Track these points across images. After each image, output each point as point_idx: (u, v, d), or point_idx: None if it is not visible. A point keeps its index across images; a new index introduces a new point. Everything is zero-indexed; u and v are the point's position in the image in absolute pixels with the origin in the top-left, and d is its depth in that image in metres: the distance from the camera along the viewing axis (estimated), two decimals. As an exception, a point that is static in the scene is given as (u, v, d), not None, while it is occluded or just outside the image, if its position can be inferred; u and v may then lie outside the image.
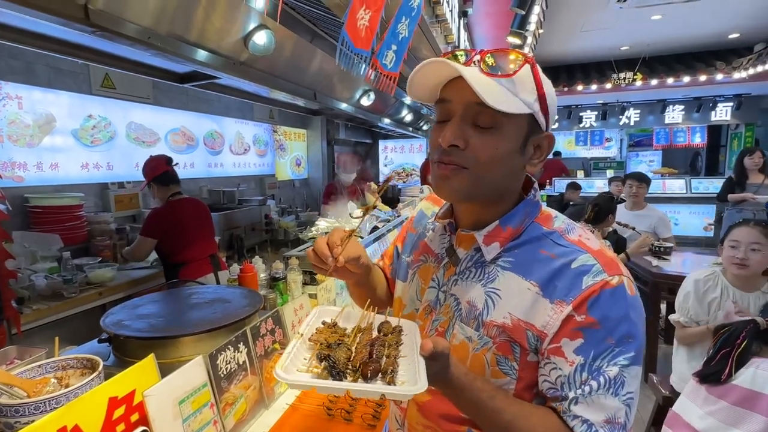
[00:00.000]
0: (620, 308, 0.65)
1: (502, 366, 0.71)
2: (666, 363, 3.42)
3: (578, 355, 0.65)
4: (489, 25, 4.51)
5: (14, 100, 2.58)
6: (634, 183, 3.77)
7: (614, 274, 0.66)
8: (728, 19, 5.53)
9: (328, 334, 0.73)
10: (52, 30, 2.01)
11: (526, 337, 0.69)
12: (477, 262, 0.77)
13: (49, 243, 2.47)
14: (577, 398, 0.65)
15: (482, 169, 0.69)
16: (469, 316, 0.75)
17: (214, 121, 4.37)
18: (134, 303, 1.42)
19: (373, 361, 0.65)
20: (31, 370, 0.91)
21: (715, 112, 7.91)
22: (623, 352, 0.64)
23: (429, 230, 0.92)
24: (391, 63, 1.58)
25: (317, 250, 0.80)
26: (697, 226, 7.92)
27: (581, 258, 0.68)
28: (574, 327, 0.65)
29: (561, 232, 0.73)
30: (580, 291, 0.65)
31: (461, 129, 0.68)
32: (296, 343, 0.71)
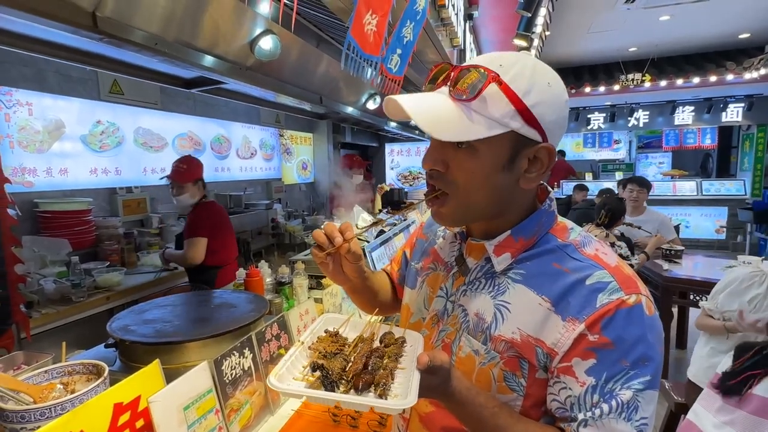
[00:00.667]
0: (636, 329, 0.62)
1: (509, 382, 0.69)
2: (678, 369, 3.36)
3: (590, 376, 0.62)
4: (495, 28, 4.50)
5: (25, 107, 2.61)
6: (635, 188, 3.70)
7: (631, 293, 0.63)
8: (738, 19, 5.47)
9: (328, 343, 0.72)
10: (62, 37, 2.04)
11: (536, 354, 0.66)
12: (487, 272, 0.75)
13: (57, 247, 2.49)
14: (586, 420, 0.62)
15: (463, 193, 0.68)
16: (476, 328, 0.72)
17: (221, 126, 4.40)
18: (141, 308, 1.42)
19: (367, 372, 0.64)
20: (38, 375, 0.91)
21: (726, 113, 7.80)
22: (638, 375, 0.61)
23: (439, 237, 0.90)
24: (396, 67, 1.57)
25: (327, 229, 0.78)
26: (708, 229, 7.80)
27: (597, 274, 0.65)
28: (587, 347, 0.62)
29: (576, 245, 0.70)
30: (594, 309, 0.62)
31: (441, 151, 0.68)
32: (295, 350, 0.70)
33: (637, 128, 8.66)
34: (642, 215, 3.73)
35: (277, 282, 1.85)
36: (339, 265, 0.82)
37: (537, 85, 0.64)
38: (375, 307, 0.91)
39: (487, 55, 0.68)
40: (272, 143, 5.29)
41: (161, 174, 3.63)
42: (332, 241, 0.77)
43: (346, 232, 0.78)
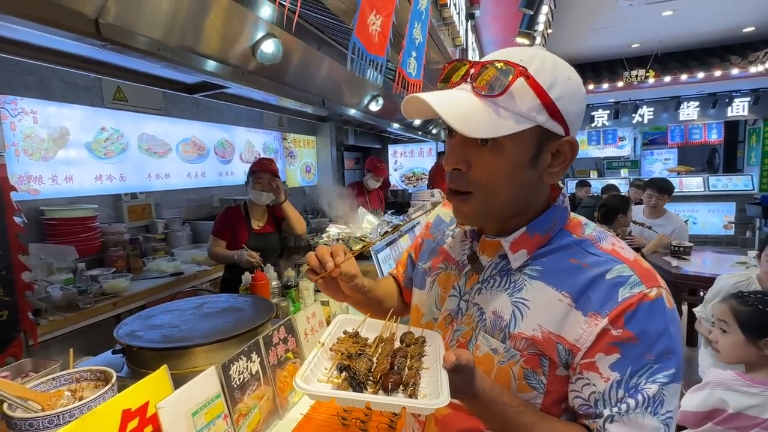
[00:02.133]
0: (659, 322, 0.61)
1: (529, 380, 0.68)
2: (688, 366, 3.32)
3: (614, 371, 0.61)
4: (497, 27, 4.49)
5: (29, 115, 2.63)
6: (653, 193, 3.58)
7: (652, 286, 0.63)
8: (742, 13, 5.41)
9: (349, 343, 0.72)
10: (65, 45, 2.05)
11: (557, 351, 0.65)
12: (502, 270, 0.74)
13: (64, 255, 2.50)
14: (612, 416, 0.61)
15: (488, 191, 0.67)
16: (494, 327, 0.71)
17: (225, 130, 4.41)
18: (147, 313, 1.42)
19: (395, 372, 0.64)
20: (46, 383, 0.91)
21: (732, 107, 7.72)
22: (663, 368, 0.61)
23: (448, 236, 0.88)
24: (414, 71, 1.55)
25: (318, 253, 0.80)
26: (716, 225, 7.72)
27: (617, 268, 0.64)
28: (610, 341, 0.61)
29: (593, 240, 0.70)
30: (616, 303, 0.62)
31: (462, 150, 0.66)
32: (317, 352, 0.69)
33: (642, 125, 8.60)
34: (660, 218, 3.63)
35: (284, 285, 1.85)
36: (335, 285, 0.82)
37: (559, 78, 0.63)
38: (381, 314, 0.89)
39: (503, 51, 0.67)
40: (275, 147, 5.30)
41: (165, 179, 3.65)
42: (324, 266, 0.78)
43: (336, 256, 0.79)
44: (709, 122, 8.39)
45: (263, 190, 2.65)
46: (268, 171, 2.69)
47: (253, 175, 2.69)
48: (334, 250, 0.80)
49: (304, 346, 1.33)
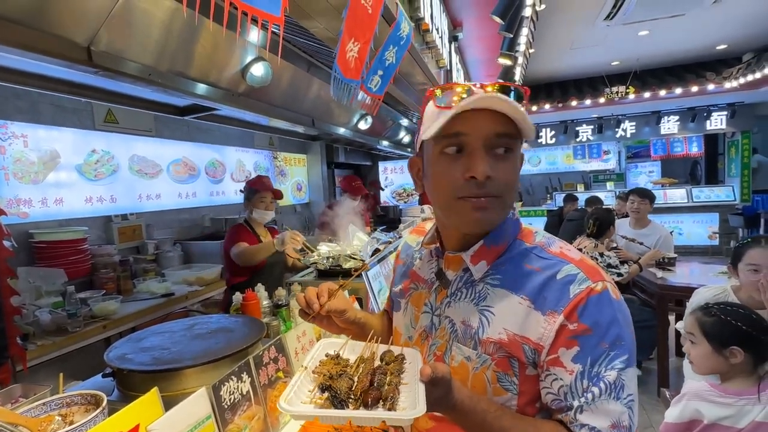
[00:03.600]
0: (608, 313, 0.67)
1: (502, 383, 0.73)
2: (678, 377, 3.35)
3: (576, 363, 0.67)
4: (480, 48, 4.63)
5: (20, 139, 2.64)
6: (635, 198, 3.71)
7: (598, 281, 0.69)
8: (714, 32, 5.66)
9: (331, 365, 0.75)
10: (57, 71, 2.09)
11: (523, 351, 0.70)
12: (467, 282, 0.80)
13: (53, 278, 2.48)
14: (581, 407, 0.66)
15: (509, 193, 0.74)
16: (465, 335, 0.76)
17: (215, 151, 4.44)
18: (137, 336, 1.42)
19: (374, 388, 0.67)
20: (36, 408, 0.91)
21: (710, 121, 7.98)
22: (618, 355, 0.66)
23: (416, 259, 0.94)
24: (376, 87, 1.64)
25: (306, 295, 0.87)
26: (701, 235, 7.88)
27: (565, 269, 0.71)
28: (569, 335, 0.67)
29: (543, 246, 0.77)
30: (568, 300, 0.68)
31: (488, 159, 0.70)
32: (300, 375, 0.72)
33: (625, 139, 8.83)
34: (645, 228, 3.71)
35: (274, 305, 1.86)
36: (329, 320, 0.89)
37: None
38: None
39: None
40: (266, 166, 5.33)
41: (156, 200, 3.65)
42: (312, 307, 0.86)
43: (321, 296, 0.86)
44: (689, 135, 8.65)
45: (267, 209, 2.69)
46: (270, 189, 2.72)
47: (256, 194, 2.72)
48: (320, 290, 0.87)
49: (294, 365, 1.34)
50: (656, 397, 3.08)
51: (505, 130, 0.69)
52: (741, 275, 1.87)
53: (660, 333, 3.13)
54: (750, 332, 1.39)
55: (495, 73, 4.65)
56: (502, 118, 0.68)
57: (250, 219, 2.76)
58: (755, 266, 1.78)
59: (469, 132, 0.70)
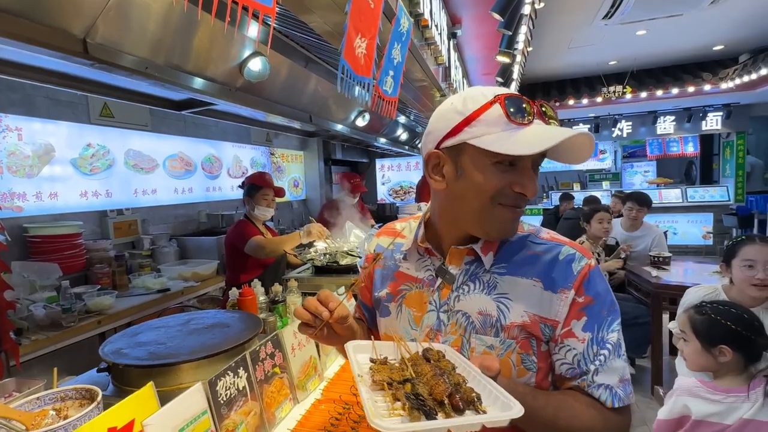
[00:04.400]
0: (603, 283, 0.78)
1: (525, 363, 0.78)
2: (672, 375, 3.37)
3: (586, 332, 0.75)
4: (479, 46, 4.62)
5: (14, 132, 2.61)
6: (634, 206, 3.70)
7: (590, 257, 0.79)
8: (711, 32, 5.68)
9: (387, 371, 0.69)
10: (52, 63, 2.06)
11: (540, 330, 0.76)
12: (472, 275, 0.82)
13: (47, 272, 2.46)
14: (597, 369, 0.74)
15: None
16: (485, 325, 0.79)
17: (212, 146, 4.42)
18: (133, 330, 1.42)
19: (456, 391, 0.63)
20: (30, 402, 0.91)
21: (706, 121, 8.03)
22: (614, 318, 0.77)
23: (399, 260, 0.93)
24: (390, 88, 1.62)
25: (308, 306, 0.78)
26: (695, 235, 7.94)
27: (563, 250, 0.79)
28: (578, 308, 0.75)
29: (534, 233, 0.84)
30: (575, 276, 0.76)
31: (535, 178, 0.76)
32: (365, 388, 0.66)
33: (621, 138, 8.87)
34: (638, 231, 3.75)
35: (271, 301, 1.85)
36: (331, 331, 0.81)
37: None
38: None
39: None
40: (263, 162, 5.32)
41: (152, 195, 3.63)
42: (320, 316, 0.77)
43: (329, 303, 0.78)
44: (685, 135, 8.70)
45: (269, 206, 2.68)
46: (272, 187, 2.71)
47: (259, 191, 2.69)
48: (324, 299, 0.79)
49: (291, 361, 1.34)
50: (650, 395, 3.10)
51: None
52: (735, 271, 1.87)
53: (654, 331, 3.15)
54: (740, 331, 1.40)
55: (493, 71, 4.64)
56: None
57: (251, 215, 2.74)
58: (750, 261, 1.79)
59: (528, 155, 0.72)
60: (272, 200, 2.71)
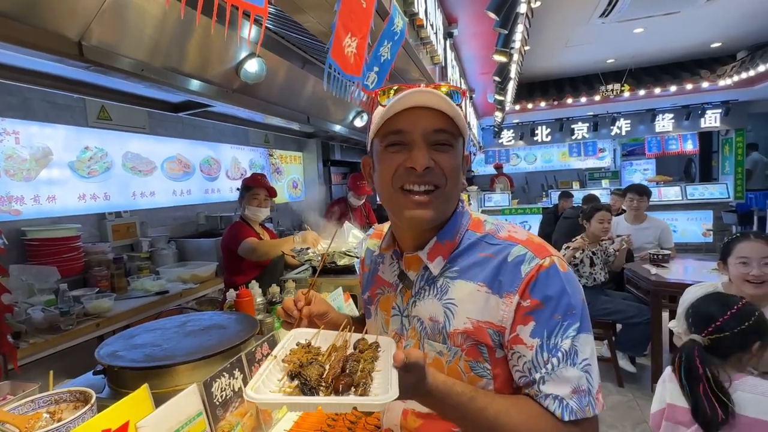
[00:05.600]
0: (557, 285, 0.71)
1: (476, 371, 0.76)
2: (672, 372, 3.37)
3: (534, 338, 0.70)
4: (475, 45, 4.62)
5: (11, 136, 2.61)
6: (634, 196, 3.78)
7: (545, 256, 0.73)
8: (708, 30, 5.68)
9: (301, 354, 0.72)
10: (48, 67, 2.06)
11: (489, 336, 0.74)
12: (428, 279, 0.82)
13: (46, 275, 2.46)
14: (543, 377, 0.69)
15: (450, 184, 0.77)
16: (434, 331, 0.79)
17: (210, 148, 4.42)
18: (129, 333, 1.41)
19: (346, 375, 0.65)
20: (24, 405, 0.90)
21: (705, 119, 8.03)
22: (570, 324, 0.70)
23: (379, 264, 0.96)
24: (372, 84, 1.63)
25: (284, 306, 0.89)
26: (695, 233, 7.92)
27: (514, 250, 0.75)
28: (524, 312, 0.71)
29: (492, 233, 0.81)
30: (521, 279, 0.72)
31: (426, 152, 0.74)
32: (269, 364, 0.71)
33: (620, 136, 8.87)
34: (643, 223, 3.80)
35: (268, 302, 1.85)
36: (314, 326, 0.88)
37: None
38: None
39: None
40: (262, 163, 5.31)
41: (150, 197, 3.63)
42: (291, 314, 0.87)
43: (299, 301, 0.87)
44: (684, 133, 8.70)
45: (260, 206, 2.67)
46: (264, 187, 2.69)
47: (249, 191, 2.68)
48: (296, 298, 0.88)
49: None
50: (650, 393, 3.09)
51: (443, 126, 0.74)
52: (731, 269, 1.88)
53: (654, 329, 3.15)
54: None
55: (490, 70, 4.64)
56: (440, 115, 0.74)
57: (245, 216, 2.74)
58: (744, 259, 1.80)
59: (409, 129, 0.74)
60: (264, 200, 2.69)
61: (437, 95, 0.72)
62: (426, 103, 0.73)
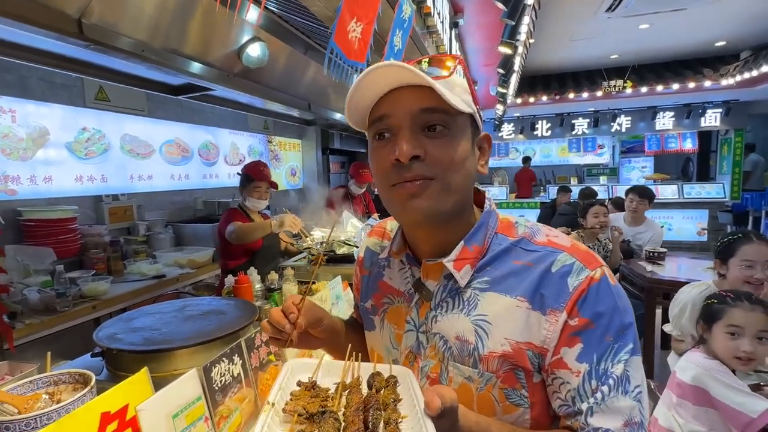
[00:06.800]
0: (609, 301, 0.62)
1: (512, 399, 0.65)
2: (663, 369, 3.42)
3: (582, 363, 0.60)
4: (480, 36, 4.57)
5: (7, 114, 2.57)
6: (635, 197, 3.70)
7: (596, 267, 0.63)
8: (714, 28, 5.65)
9: (306, 399, 0.60)
10: (46, 44, 2.02)
11: (528, 358, 0.63)
12: (451, 290, 0.70)
13: (42, 257, 2.45)
14: (591, 408, 0.60)
15: (447, 174, 0.63)
16: (462, 353, 0.67)
17: (209, 133, 4.37)
18: (128, 316, 1.41)
19: None
20: (22, 386, 0.90)
21: (705, 118, 8.03)
22: (622, 346, 0.61)
23: (384, 267, 0.83)
24: None
25: (272, 320, 0.71)
26: (690, 231, 7.98)
27: (559, 259, 0.64)
28: (570, 332, 0.61)
29: (528, 238, 0.69)
30: (569, 294, 0.61)
31: (416, 139, 0.63)
32: (267, 417, 0.57)
33: (620, 133, 8.87)
34: (641, 226, 3.76)
35: (267, 288, 1.85)
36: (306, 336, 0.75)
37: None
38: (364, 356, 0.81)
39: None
40: (261, 150, 5.28)
41: (148, 181, 3.60)
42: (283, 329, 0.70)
43: (290, 313, 0.70)
44: (683, 132, 8.71)
45: (261, 198, 2.67)
46: (267, 181, 2.69)
47: (251, 182, 2.68)
48: (285, 308, 0.71)
49: (286, 349, 1.34)
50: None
51: (431, 104, 0.61)
52: (732, 269, 1.87)
53: (647, 325, 3.18)
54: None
55: (494, 62, 4.61)
56: (429, 92, 0.61)
57: (244, 206, 2.74)
58: (749, 262, 1.79)
59: (391, 112, 0.63)
60: (264, 192, 2.69)
61: (402, 67, 0.59)
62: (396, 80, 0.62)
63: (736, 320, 1.47)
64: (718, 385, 1.39)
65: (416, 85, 0.62)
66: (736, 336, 1.46)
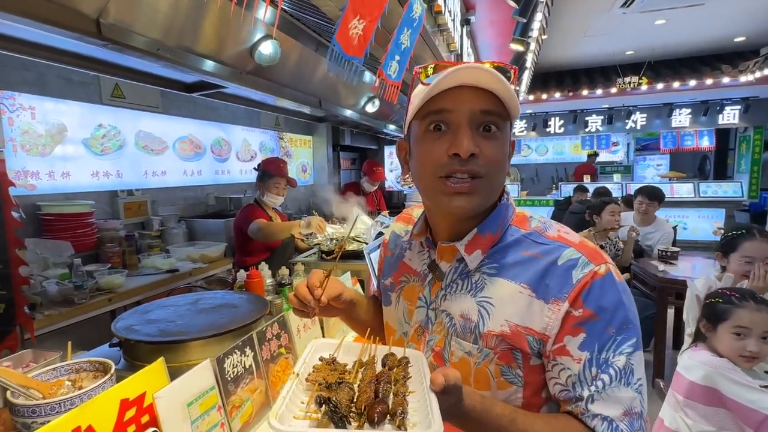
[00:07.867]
0: (613, 296, 0.65)
1: (506, 376, 0.70)
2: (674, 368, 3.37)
3: (584, 351, 0.64)
4: (492, 33, 4.54)
5: (27, 111, 2.64)
6: (644, 200, 3.68)
7: (600, 263, 0.67)
8: (733, 23, 5.51)
9: (326, 372, 0.67)
10: (65, 43, 2.08)
11: (527, 342, 0.68)
12: (462, 273, 0.76)
13: (60, 250, 2.52)
14: (592, 396, 0.64)
15: (494, 174, 0.69)
16: (464, 330, 0.73)
17: (221, 129, 4.43)
18: (144, 308, 1.45)
19: (380, 401, 0.59)
20: (46, 372, 0.94)
21: (723, 115, 7.84)
22: (626, 339, 0.64)
23: (406, 250, 0.90)
24: (395, 73, 1.62)
25: (298, 294, 0.80)
26: (706, 231, 7.82)
27: (566, 253, 0.68)
28: (574, 323, 0.65)
29: (539, 231, 0.74)
30: (572, 286, 0.65)
31: (474, 137, 0.67)
32: (292, 384, 0.64)
33: (635, 131, 8.70)
34: (650, 226, 3.73)
35: (278, 283, 1.88)
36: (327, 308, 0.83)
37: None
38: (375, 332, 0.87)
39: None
40: (272, 146, 5.32)
41: (162, 176, 3.67)
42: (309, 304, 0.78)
43: (315, 288, 0.79)
44: (700, 129, 8.51)
45: (279, 194, 2.72)
46: (286, 177, 2.75)
47: (271, 179, 2.73)
48: (311, 283, 0.80)
49: (296, 342, 1.37)
50: (651, 388, 3.11)
51: (490, 107, 0.67)
52: (732, 264, 1.92)
53: (658, 325, 3.15)
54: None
55: (506, 59, 4.58)
56: (489, 95, 0.66)
57: (260, 200, 2.78)
58: (749, 258, 1.83)
59: (453, 108, 0.67)
60: (283, 188, 2.75)
61: (489, 72, 0.64)
62: (476, 81, 0.66)
63: (743, 321, 1.44)
64: (730, 383, 1.39)
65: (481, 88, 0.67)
66: (743, 336, 1.44)
